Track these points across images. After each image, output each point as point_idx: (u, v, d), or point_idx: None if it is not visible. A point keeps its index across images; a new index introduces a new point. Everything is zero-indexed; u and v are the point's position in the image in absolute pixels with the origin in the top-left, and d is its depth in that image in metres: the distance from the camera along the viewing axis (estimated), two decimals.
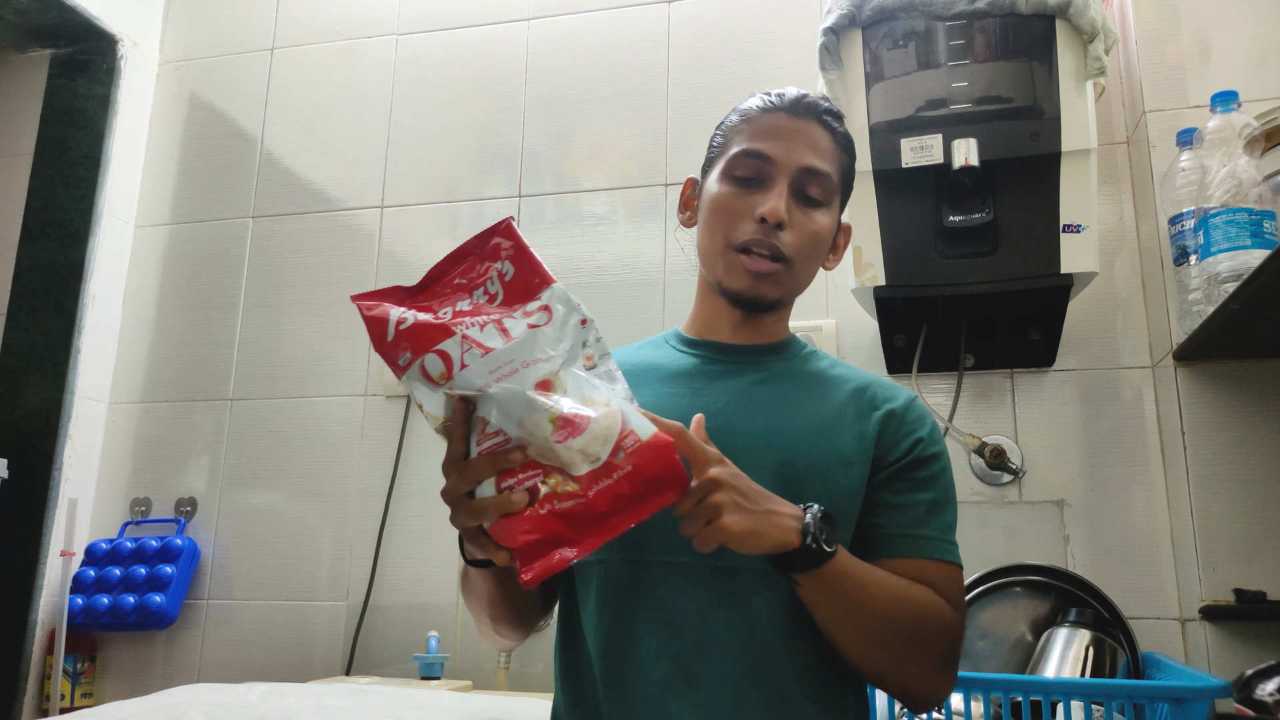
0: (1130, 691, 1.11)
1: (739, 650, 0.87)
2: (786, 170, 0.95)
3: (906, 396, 0.99)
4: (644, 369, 1.02)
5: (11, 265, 2.07)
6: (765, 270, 0.95)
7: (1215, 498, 1.42)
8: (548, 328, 0.77)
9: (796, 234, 0.95)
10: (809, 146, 0.96)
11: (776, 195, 0.94)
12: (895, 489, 0.93)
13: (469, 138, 2.05)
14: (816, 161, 0.96)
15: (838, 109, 1.02)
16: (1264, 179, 1.33)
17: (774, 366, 1.00)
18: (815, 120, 0.98)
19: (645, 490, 0.75)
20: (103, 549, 1.95)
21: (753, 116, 0.99)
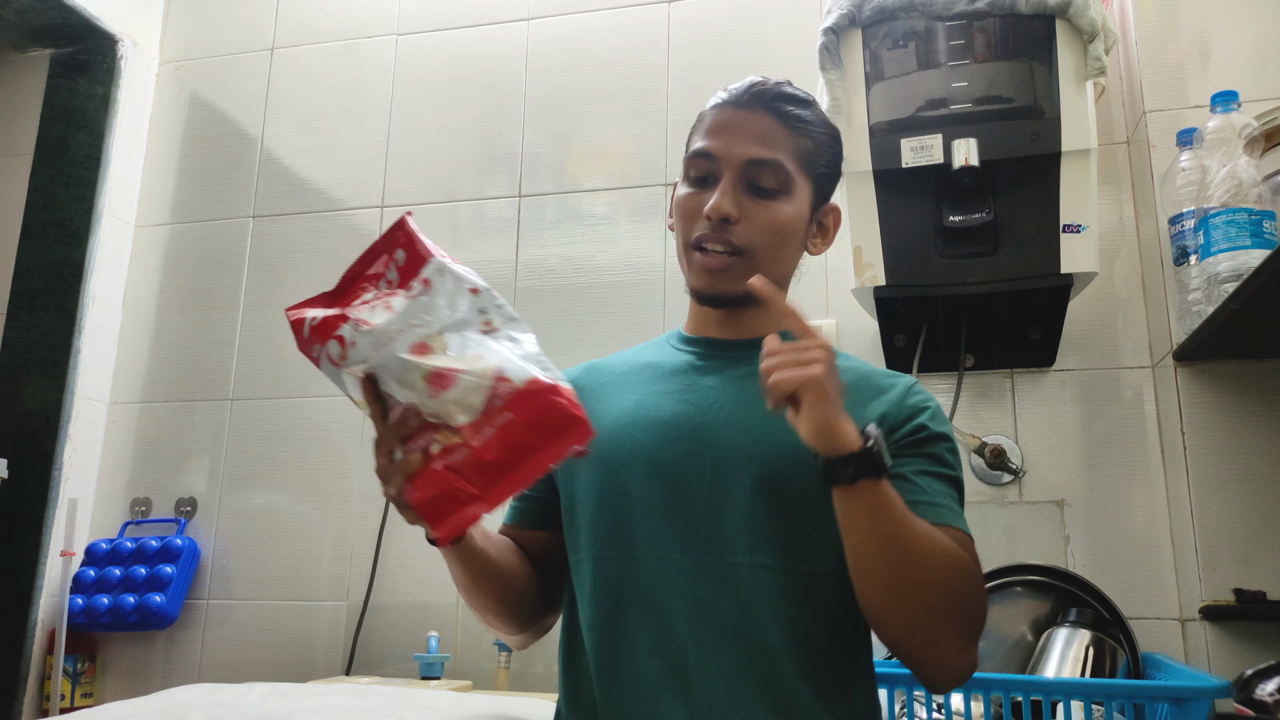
0: (1130, 691, 1.11)
1: (732, 644, 0.87)
2: (730, 165, 0.96)
3: (905, 382, 0.98)
4: (641, 369, 1.04)
5: (11, 265, 2.06)
6: (718, 266, 0.96)
7: (1215, 498, 1.42)
8: (425, 297, 0.82)
9: (751, 225, 0.95)
10: (752, 137, 0.96)
11: (721, 191, 0.95)
12: (898, 464, 0.90)
13: (469, 138, 2.05)
14: (761, 151, 0.96)
15: (796, 93, 1.00)
16: (1264, 179, 1.33)
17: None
18: (762, 109, 0.97)
19: (534, 437, 0.76)
20: (103, 549, 1.95)
21: (705, 115, 1.01)
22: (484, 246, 1.98)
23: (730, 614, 0.88)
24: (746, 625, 0.87)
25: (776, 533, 0.89)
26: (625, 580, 0.91)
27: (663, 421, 0.96)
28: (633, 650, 0.89)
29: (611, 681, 0.89)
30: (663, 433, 0.95)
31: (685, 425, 0.95)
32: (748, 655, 0.87)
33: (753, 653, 0.87)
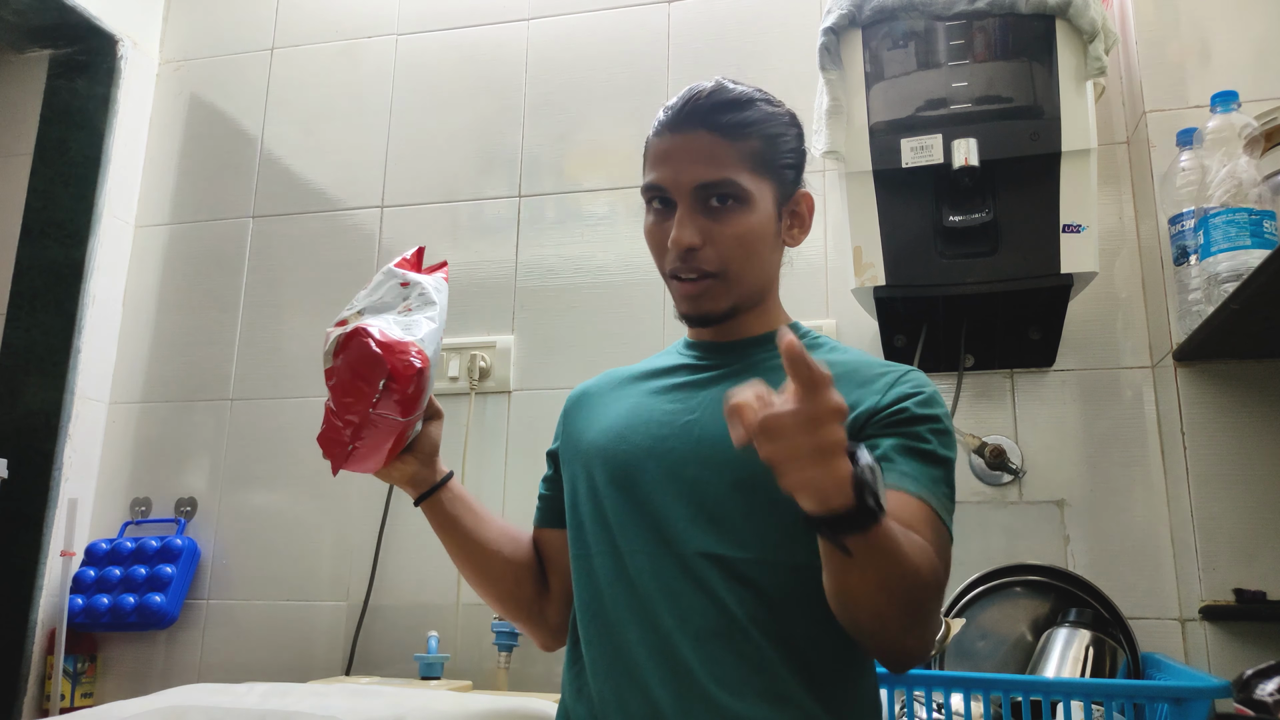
0: (1130, 691, 1.11)
1: (716, 634, 0.88)
2: (681, 194, 0.96)
3: (896, 372, 0.95)
4: (646, 374, 1.08)
5: (11, 265, 2.06)
6: (696, 291, 0.97)
7: (1215, 498, 1.42)
8: (363, 290, 1.02)
9: (717, 246, 0.96)
10: (698, 160, 0.95)
11: (678, 222, 0.96)
12: (886, 431, 0.89)
13: (469, 138, 2.05)
14: (707, 173, 0.95)
15: (733, 96, 0.97)
16: (1264, 179, 1.33)
17: (760, 359, 1.01)
18: (700, 128, 0.95)
19: (355, 378, 0.90)
20: (103, 549, 1.95)
21: (650, 144, 1.02)
22: (484, 246, 1.98)
23: (709, 605, 0.89)
24: (725, 615, 0.88)
25: (760, 527, 0.90)
26: (615, 575, 0.94)
27: (655, 421, 0.99)
28: (626, 643, 0.91)
29: (608, 672, 0.92)
30: (653, 431, 0.98)
31: (674, 424, 0.98)
32: (734, 646, 0.88)
33: (739, 643, 0.88)
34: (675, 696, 0.87)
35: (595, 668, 0.93)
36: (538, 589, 1.10)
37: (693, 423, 0.97)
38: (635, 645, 0.90)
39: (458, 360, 1.91)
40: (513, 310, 1.94)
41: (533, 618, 1.11)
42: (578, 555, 1.01)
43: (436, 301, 1.00)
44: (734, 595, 0.89)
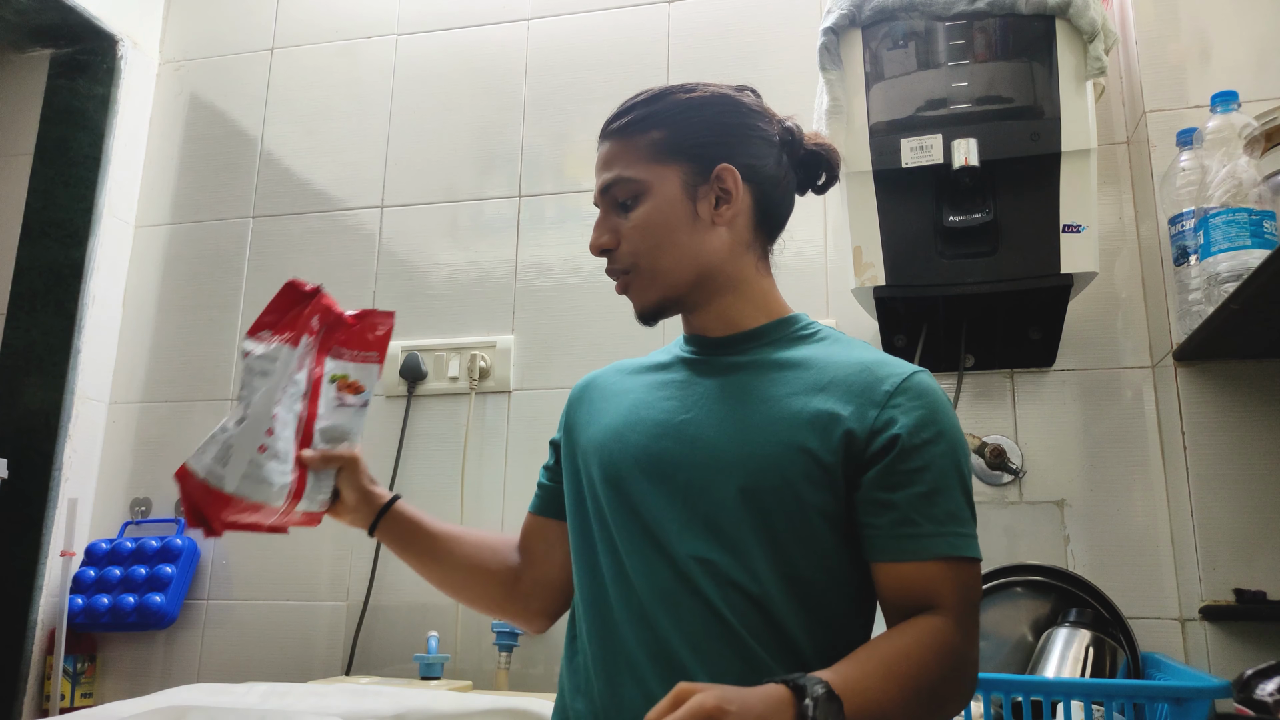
0: (1130, 691, 1.11)
1: (712, 638, 0.88)
2: (599, 201, 1.03)
3: (898, 379, 0.92)
4: (646, 369, 1.08)
5: (11, 265, 2.06)
6: (622, 288, 1.03)
7: (1215, 498, 1.42)
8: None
9: (627, 241, 1.00)
10: (601, 168, 1.02)
11: (594, 228, 1.02)
12: (885, 484, 0.88)
13: (469, 138, 2.05)
14: (605, 176, 1.01)
15: (635, 100, 1.04)
16: (1264, 179, 1.33)
17: (755, 354, 0.99)
18: (605, 140, 1.03)
19: None
20: (103, 549, 1.95)
21: None
22: (484, 246, 1.98)
23: (708, 612, 0.88)
24: (725, 623, 0.88)
25: (754, 532, 0.89)
26: (616, 573, 0.94)
27: (652, 420, 0.98)
28: (626, 643, 0.91)
29: (609, 670, 0.92)
30: (650, 431, 0.97)
31: (670, 423, 0.97)
32: (732, 649, 0.87)
33: (737, 647, 0.87)
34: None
35: (596, 664, 0.93)
36: (527, 589, 1.10)
37: (687, 423, 0.96)
38: (635, 646, 0.90)
39: (458, 360, 1.91)
40: (513, 310, 1.94)
41: (523, 615, 1.12)
42: (582, 550, 1.00)
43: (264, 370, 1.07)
44: (727, 601, 0.88)
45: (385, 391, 1.94)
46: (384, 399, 1.95)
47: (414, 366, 1.91)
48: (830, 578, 0.90)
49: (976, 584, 0.90)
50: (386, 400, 1.94)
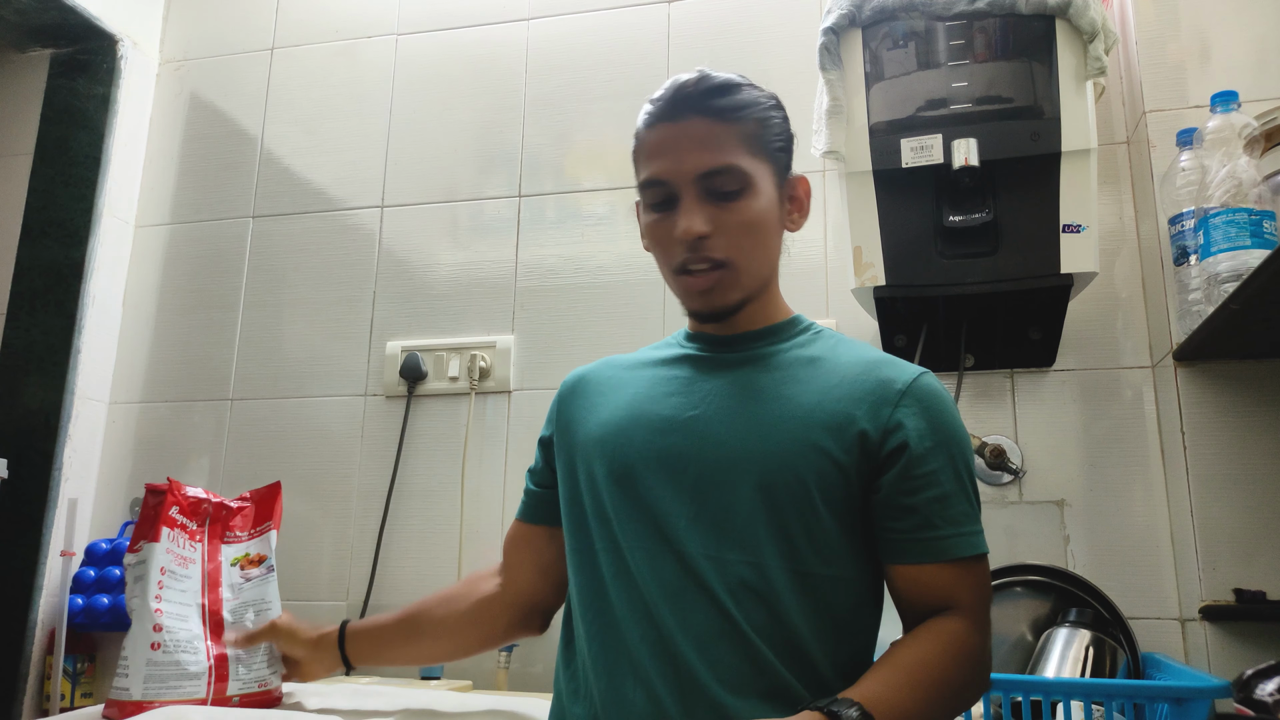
0: (1130, 691, 1.11)
1: (717, 636, 0.87)
2: (685, 184, 0.93)
3: (904, 381, 0.93)
4: (644, 365, 1.05)
5: (11, 265, 2.06)
6: (707, 285, 0.95)
7: (1215, 498, 1.42)
8: None
9: (726, 234, 0.93)
10: (697, 148, 0.93)
11: (684, 213, 0.93)
12: (903, 488, 0.89)
13: (469, 138, 2.05)
14: (711, 160, 0.93)
15: (720, 81, 0.95)
16: (1264, 179, 1.33)
17: (767, 352, 0.99)
18: (694, 114, 0.93)
19: None
20: (103, 549, 1.95)
21: (642, 137, 0.98)
22: (484, 246, 1.98)
23: (713, 609, 0.88)
24: (732, 621, 0.87)
25: (763, 528, 0.89)
26: (617, 570, 0.93)
27: (658, 416, 0.97)
28: (627, 639, 0.90)
29: (609, 669, 0.91)
30: (656, 427, 0.96)
31: (677, 419, 0.96)
32: (736, 647, 0.87)
33: (741, 645, 0.87)
34: (679, 696, 0.86)
35: (596, 665, 0.92)
36: (514, 604, 1.12)
37: (695, 419, 0.95)
38: (637, 643, 0.89)
39: (458, 360, 1.91)
40: (512, 310, 1.94)
41: (522, 630, 1.14)
42: (579, 549, 0.98)
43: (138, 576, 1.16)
44: (735, 598, 0.88)
45: (385, 391, 1.94)
46: (384, 399, 1.95)
47: (414, 366, 1.91)
48: (839, 576, 0.90)
49: (988, 579, 0.93)
50: (386, 400, 1.94)
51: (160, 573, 1.16)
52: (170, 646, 1.12)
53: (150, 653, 1.11)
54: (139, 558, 1.19)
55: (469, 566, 1.80)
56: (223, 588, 1.24)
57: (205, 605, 1.20)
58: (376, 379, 1.96)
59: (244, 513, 1.33)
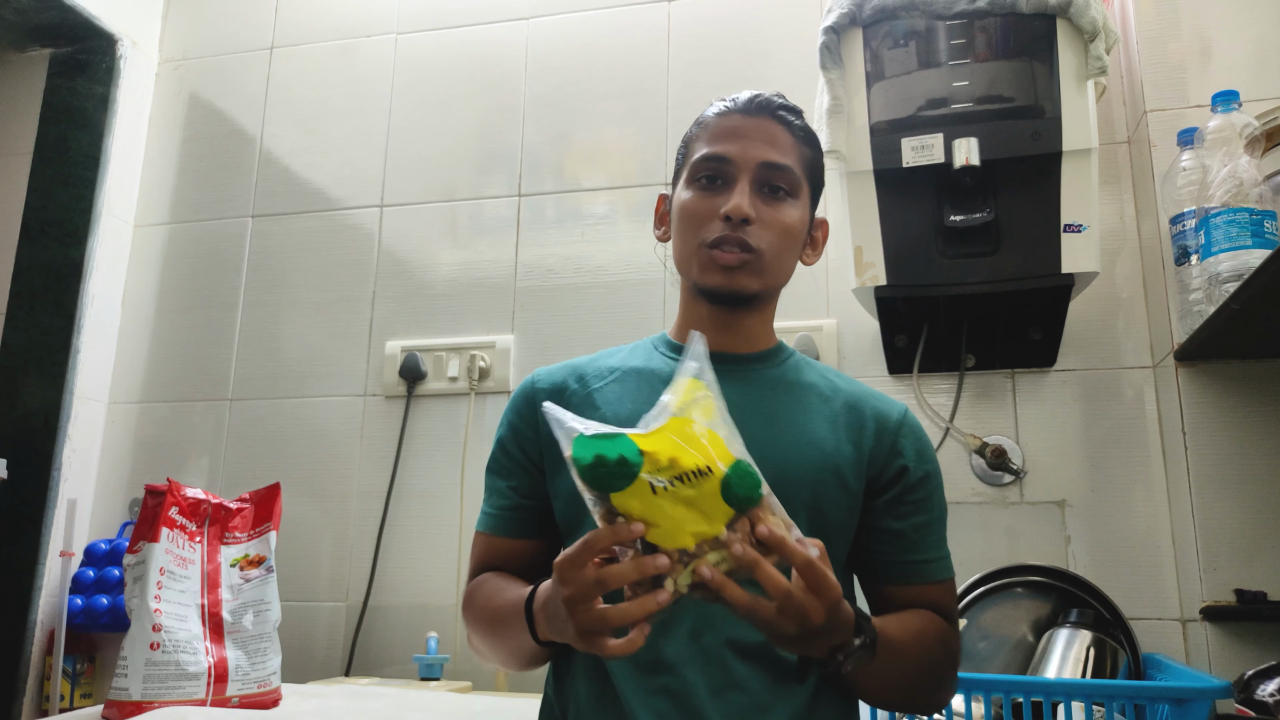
0: (1131, 692, 1.11)
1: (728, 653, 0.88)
2: (746, 167, 0.96)
3: (899, 411, 1.00)
4: (632, 375, 1.03)
5: (11, 265, 2.06)
6: (736, 262, 0.96)
7: (1216, 498, 1.42)
8: None
9: (765, 227, 0.96)
10: (765, 142, 0.97)
11: (739, 192, 0.95)
12: (894, 514, 0.95)
13: (469, 137, 2.05)
14: (775, 155, 0.97)
15: (795, 105, 1.02)
16: (1265, 179, 1.33)
17: (764, 374, 1.00)
18: (769, 117, 0.99)
19: None
20: (102, 549, 1.95)
21: (709, 122, 1.01)
22: (483, 246, 1.98)
23: (727, 625, 0.88)
24: (752, 636, 0.87)
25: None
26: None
27: None
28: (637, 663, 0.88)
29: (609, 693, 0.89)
30: None
31: None
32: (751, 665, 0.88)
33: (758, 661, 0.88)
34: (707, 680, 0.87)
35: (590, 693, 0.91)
36: None
37: None
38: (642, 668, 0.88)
39: (457, 360, 1.91)
40: (512, 310, 1.94)
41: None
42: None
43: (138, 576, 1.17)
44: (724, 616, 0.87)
45: (385, 391, 1.94)
46: (383, 399, 1.94)
47: (413, 367, 1.91)
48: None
49: (957, 595, 1.04)
50: (386, 400, 1.94)
51: (159, 573, 1.16)
52: (169, 647, 1.12)
53: (149, 653, 1.11)
54: (138, 558, 1.19)
55: (468, 567, 1.80)
56: (222, 588, 1.24)
57: (204, 606, 1.20)
58: (376, 379, 1.96)
59: (243, 513, 1.33)
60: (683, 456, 0.70)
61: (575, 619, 0.73)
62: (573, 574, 0.72)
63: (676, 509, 0.70)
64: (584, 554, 0.72)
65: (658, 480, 0.69)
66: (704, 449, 0.71)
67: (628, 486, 0.69)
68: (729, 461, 0.71)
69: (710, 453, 0.71)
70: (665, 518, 0.69)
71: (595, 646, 0.73)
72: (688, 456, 0.70)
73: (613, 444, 0.70)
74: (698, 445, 0.71)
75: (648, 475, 0.69)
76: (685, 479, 0.69)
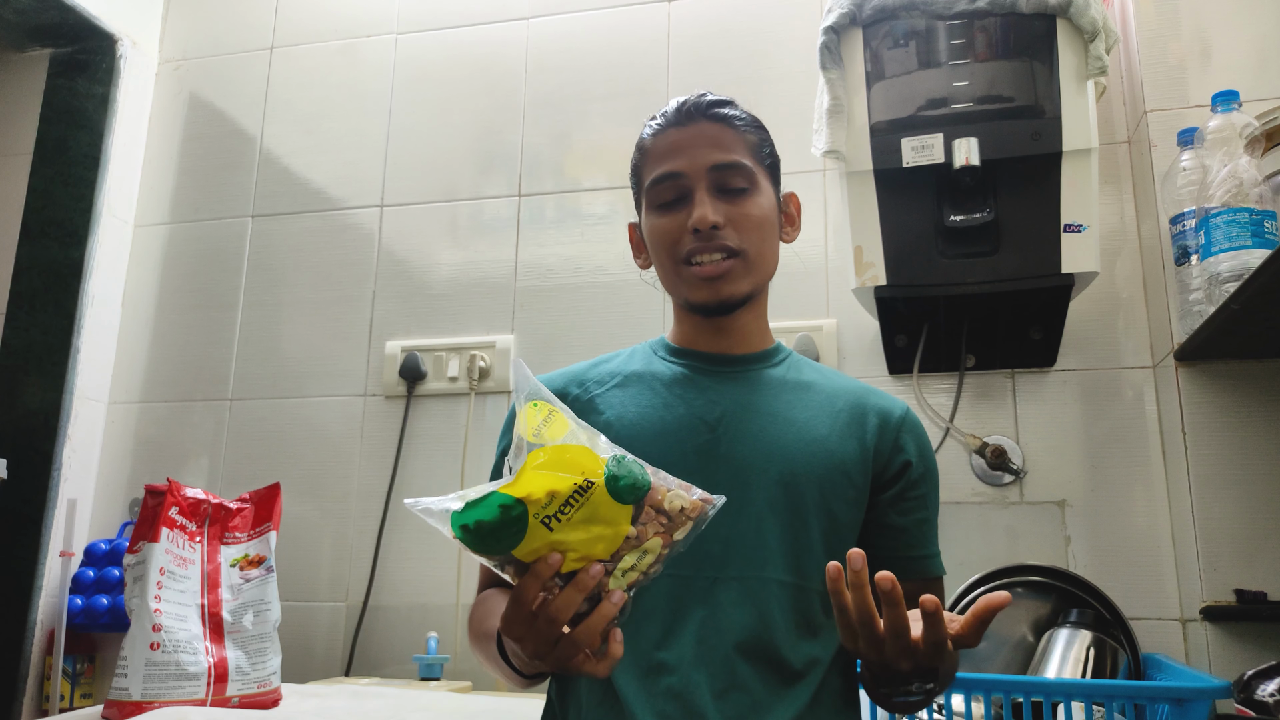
0: (1131, 692, 1.11)
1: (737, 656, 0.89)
2: (698, 176, 0.97)
3: (901, 408, 1.01)
4: (633, 379, 1.03)
5: (11, 265, 2.06)
6: (717, 271, 0.96)
7: (1216, 498, 1.42)
8: None
9: (737, 226, 0.97)
10: (709, 145, 0.98)
11: (699, 202, 0.96)
12: (897, 509, 0.96)
13: (469, 137, 2.05)
14: (721, 155, 0.97)
15: (724, 98, 1.02)
16: (1265, 179, 1.33)
17: (764, 375, 1.01)
18: (704, 119, 0.99)
19: None
20: (102, 549, 1.95)
21: (648, 146, 1.02)
22: (483, 246, 1.98)
23: (734, 627, 0.89)
24: (755, 637, 0.88)
25: (788, 548, 0.91)
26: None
27: (670, 434, 0.96)
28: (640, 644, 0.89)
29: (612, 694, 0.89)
30: (673, 445, 0.95)
31: (694, 439, 0.95)
32: (755, 666, 0.88)
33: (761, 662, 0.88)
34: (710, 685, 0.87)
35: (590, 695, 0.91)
36: None
37: (715, 440, 0.95)
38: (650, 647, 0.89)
39: (457, 360, 1.91)
40: (512, 310, 1.94)
41: None
42: None
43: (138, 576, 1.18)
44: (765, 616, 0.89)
45: (385, 391, 1.94)
46: (383, 399, 1.94)
47: (413, 367, 1.91)
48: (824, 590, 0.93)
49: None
50: (386, 400, 1.94)
51: (159, 573, 1.16)
52: (169, 647, 1.12)
53: (149, 653, 1.11)
54: (138, 558, 1.19)
55: (468, 567, 1.80)
56: (222, 588, 1.24)
57: (204, 606, 1.20)
58: (376, 379, 1.96)
59: (243, 513, 1.33)
60: (558, 484, 0.69)
61: (547, 660, 0.73)
62: (522, 630, 0.72)
63: (578, 531, 0.69)
64: (520, 609, 0.71)
65: (546, 515, 0.68)
66: (574, 464, 0.70)
67: (523, 536, 0.68)
68: (602, 465, 0.70)
69: (582, 464, 0.70)
70: (571, 544, 0.69)
71: (580, 672, 0.73)
72: (562, 482, 0.69)
73: (486, 504, 0.68)
74: (567, 465, 0.70)
75: (535, 516, 0.68)
76: (571, 502, 0.69)
